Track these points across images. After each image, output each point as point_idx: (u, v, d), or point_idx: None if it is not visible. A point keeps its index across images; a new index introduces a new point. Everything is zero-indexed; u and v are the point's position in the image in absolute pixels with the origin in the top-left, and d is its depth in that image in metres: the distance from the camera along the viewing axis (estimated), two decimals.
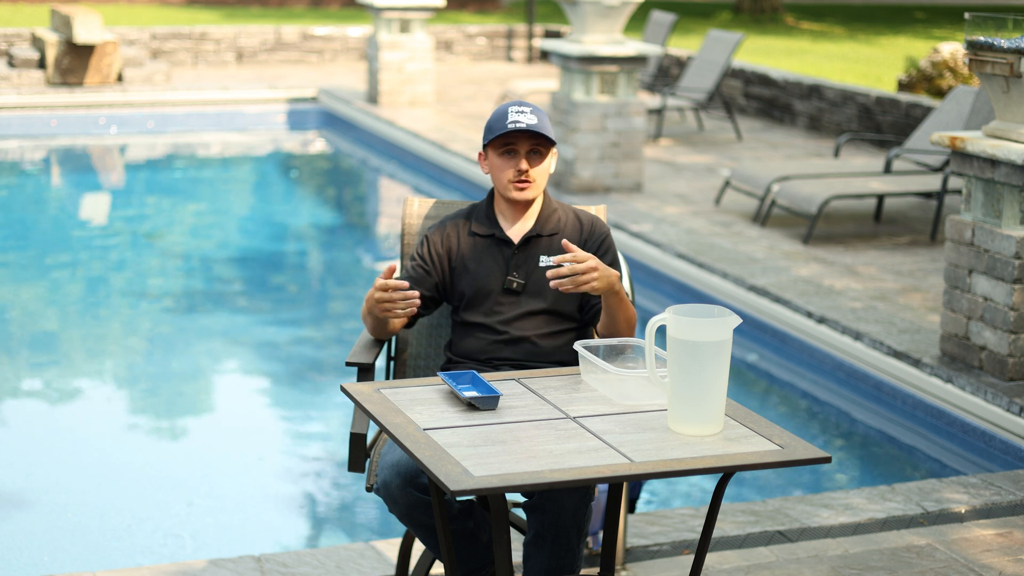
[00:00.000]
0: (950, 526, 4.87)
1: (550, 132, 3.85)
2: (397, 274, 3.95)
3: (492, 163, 3.89)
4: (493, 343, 3.87)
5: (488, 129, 3.87)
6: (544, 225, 3.92)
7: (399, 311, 3.69)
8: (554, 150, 3.90)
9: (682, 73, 13.89)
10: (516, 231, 3.92)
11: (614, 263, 3.94)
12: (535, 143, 3.85)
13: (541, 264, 3.89)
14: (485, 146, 3.89)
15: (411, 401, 3.31)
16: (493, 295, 3.88)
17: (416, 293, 3.68)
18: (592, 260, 3.64)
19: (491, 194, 3.98)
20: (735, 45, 12.88)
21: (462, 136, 12.66)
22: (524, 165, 3.84)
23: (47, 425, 6.74)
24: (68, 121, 14.73)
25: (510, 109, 3.84)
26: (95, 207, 11.99)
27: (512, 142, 3.84)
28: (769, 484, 6.07)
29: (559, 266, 3.87)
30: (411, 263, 3.96)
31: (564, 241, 3.69)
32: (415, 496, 3.50)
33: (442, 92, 15.46)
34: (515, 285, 3.87)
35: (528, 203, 3.92)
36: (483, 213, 3.96)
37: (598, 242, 3.93)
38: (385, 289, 3.65)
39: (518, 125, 3.80)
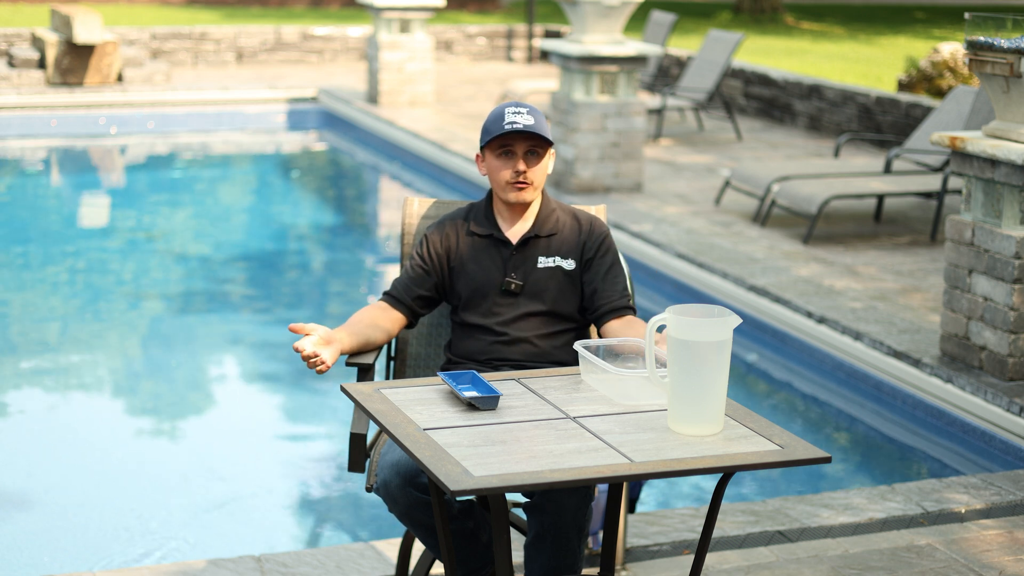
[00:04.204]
0: (950, 526, 4.87)
1: (547, 132, 3.83)
2: (396, 274, 3.95)
3: (489, 164, 3.87)
4: (492, 344, 3.86)
5: (485, 130, 3.85)
6: (542, 225, 3.91)
7: (316, 367, 3.66)
8: (551, 150, 3.89)
9: (682, 73, 13.89)
10: (514, 231, 3.91)
11: (614, 264, 3.92)
12: (532, 144, 3.82)
13: (539, 265, 3.88)
14: (482, 147, 3.87)
15: (411, 401, 3.31)
16: (491, 296, 3.88)
17: (323, 359, 3.64)
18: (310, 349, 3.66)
19: (490, 194, 3.97)
20: (735, 45, 12.88)
21: (462, 136, 12.66)
22: (522, 166, 3.82)
23: (47, 425, 6.74)
24: (68, 121, 14.73)
25: (507, 110, 3.81)
26: (95, 207, 11.99)
27: (509, 143, 3.82)
28: (769, 484, 6.07)
29: (556, 266, 3.86)
30: (410, 263, 3.95)
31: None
32: (415, 496, 3.50)
33: (442, 92, 15.46)
34: (513, 286, 3.86)
35: (526, 204, 3.91)
36: (481, 213, 3.94)
37: (597, 243, 3.91)
38: (299, 350, 3.63)
39: (515, 126, 3.78)
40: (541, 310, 3.86)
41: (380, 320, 3.88)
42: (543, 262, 3.88)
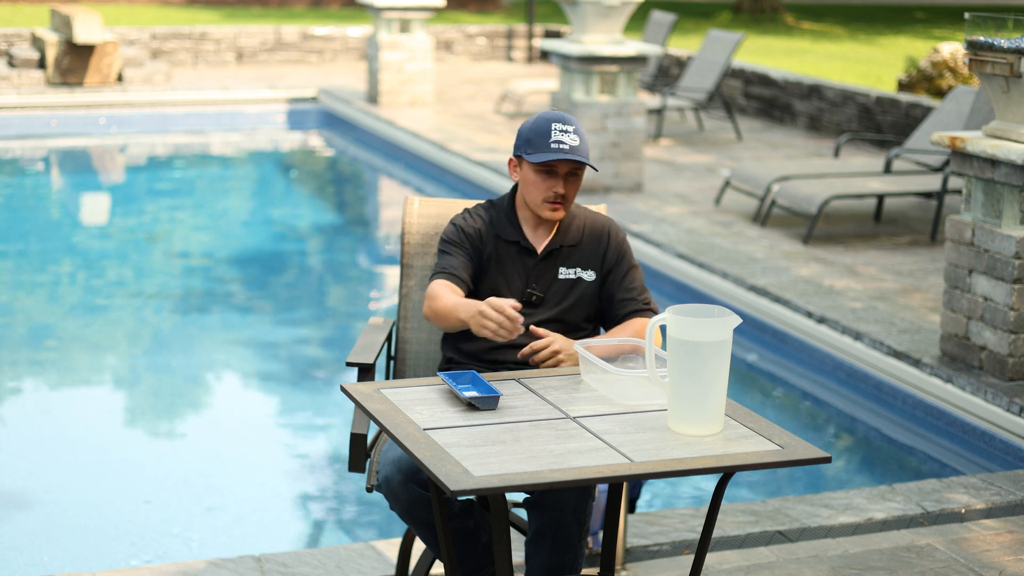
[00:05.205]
0: (950, 526, 4.87)
1: (589, 154, 3.78)
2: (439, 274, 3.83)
3: (526, 176, 3.78)
4: (499, 346, 3.83)
5: (526, 141, 3.75)
6: (565, 235, 3.85)
7: (503, 334, 3.45)
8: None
9: (682, 73, 13.89)
10: (538, 239, 3.86)
11: (630, 269, 3.88)
12: (574, 166, 3.75)
13: (560, 276, 3.83)
14: (519, 155, 3.78)
15: (411, 401, 3.31)
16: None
17: (520, 321, 3.44)
18: (557, 343, 3.66)
19: (513, 195, 3.90)
20: (735, 45, 12.88)
21: (462, 136, 12.66)
22: (561, 189, 3.74)
23: (47, 425, 6.75)
24: (68, 121, 14.73)
25: (554, 127, 3.72)
26: (95, 207, 12.00)
27: (553, 164, 3.74)
28: (769, 484, 6.07)
29: (577, 278, 3.83)
30: (449, 248, 3.83)
31: (533, 328, 3.68)
32: (416, 492, 3.50)
33: (442, 92, 15.46)
34: (534, 298, 3.83)
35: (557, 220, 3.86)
36: (504, 216, 3.87)
37: (616, 253, 3.88)
38: (499, 311, 3.42)
39: (562, 147, 3.69)
40: (554, 318, 3.83)
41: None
42: (564, 273, 3.84)
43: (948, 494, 5.16)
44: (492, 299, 3.46)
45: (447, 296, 3.68)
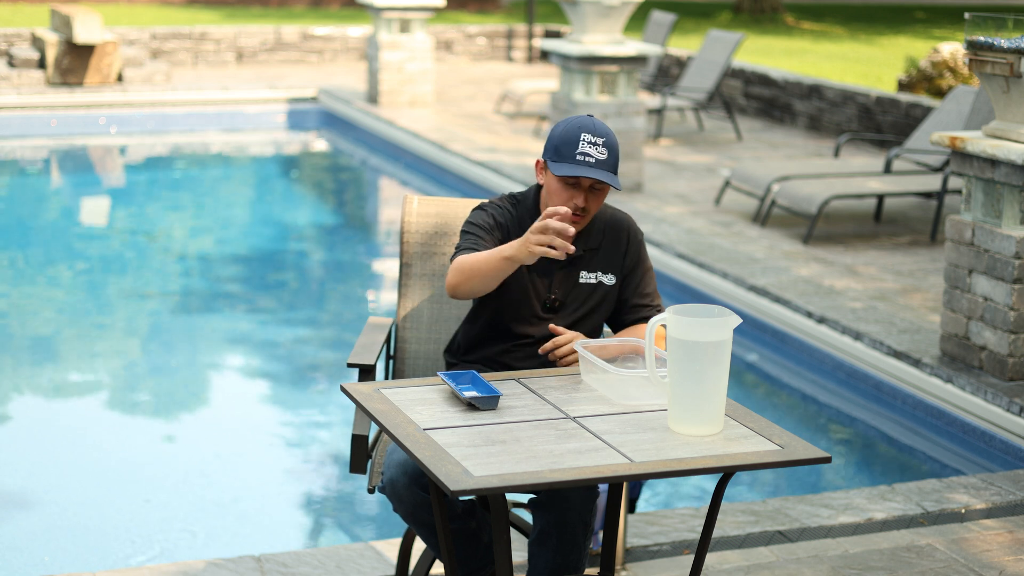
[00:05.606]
0: (950, 526, 4.87)
1: (617, 167, 3.66)
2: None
3: (550, 184, 3.70)
4: (511, 349, 3.81)
5: (554, 148, 3.66)
6: (587, 239, 3.79)
7: (557, 252, 3.36)
8: None
9: (682, 73, 13.89)
10: None
11: (647, 271, 3.87)
12: (599, 180, 3.65)
13: (580, 280, 3.78)
14: (546, 160, 3.70)
15: (411, 401, 3.31)
16: (531, 308, 3.78)
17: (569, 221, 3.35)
18: (578, 340, 3.64)
19: (537, 194, 3.83)
20: (735, 45, 12.88)
21: (462, 136, 12.66)
22: (583, 203, 3.66)
23: (47, 425, 6.74)
24: (68, 121, 14.73)
25: (583, 137, 3.63)
26: (95, 207, 11.99)
27: (576, 177, 3.66)
28: (769, 484, 6.07)
29: (598, 282, 3.80)
30: (478, 231, 3.75)
31: (552, 326, 3.67)
32: (421, 496, 3.49)
33: (442, 92, 15.46)
34: (558, 304, 3.80)
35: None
36: (530, 217, 3.80)
37: (636, 255, 3.85)
38: (547, 221, 3.34)
39: (587, 161, 3.60)
40: (575, 323, 3.79)
41: None
42: (585, 277, 3.79)
43: (948, 494, 5.16)
44: (536, 224, 3.39)
45: (478, 253, 3.60)
